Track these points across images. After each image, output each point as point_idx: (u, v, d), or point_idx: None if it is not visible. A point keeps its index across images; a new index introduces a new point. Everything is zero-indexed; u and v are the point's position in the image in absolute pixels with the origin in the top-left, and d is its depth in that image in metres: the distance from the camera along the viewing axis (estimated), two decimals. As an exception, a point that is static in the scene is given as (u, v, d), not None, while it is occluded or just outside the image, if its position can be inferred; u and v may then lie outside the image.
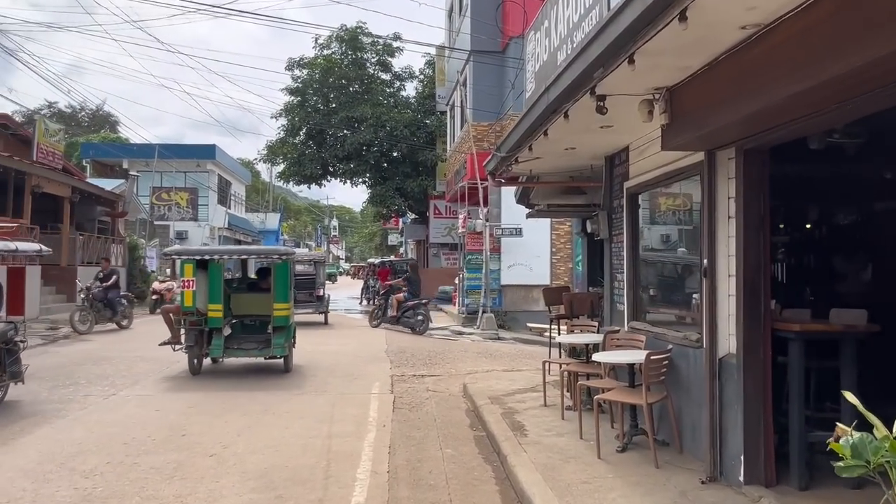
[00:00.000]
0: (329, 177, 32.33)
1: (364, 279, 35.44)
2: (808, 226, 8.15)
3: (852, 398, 2.72)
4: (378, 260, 34.23)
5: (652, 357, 5.67)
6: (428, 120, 30.78)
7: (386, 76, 32.41)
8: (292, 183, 34.28)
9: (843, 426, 2.66)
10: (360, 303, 29.96)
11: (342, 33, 30.91)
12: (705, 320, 5.34)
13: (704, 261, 5.33)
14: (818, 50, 3.37)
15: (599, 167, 8.13)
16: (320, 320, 19.98)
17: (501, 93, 21.00)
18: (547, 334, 12.28)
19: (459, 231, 22.02)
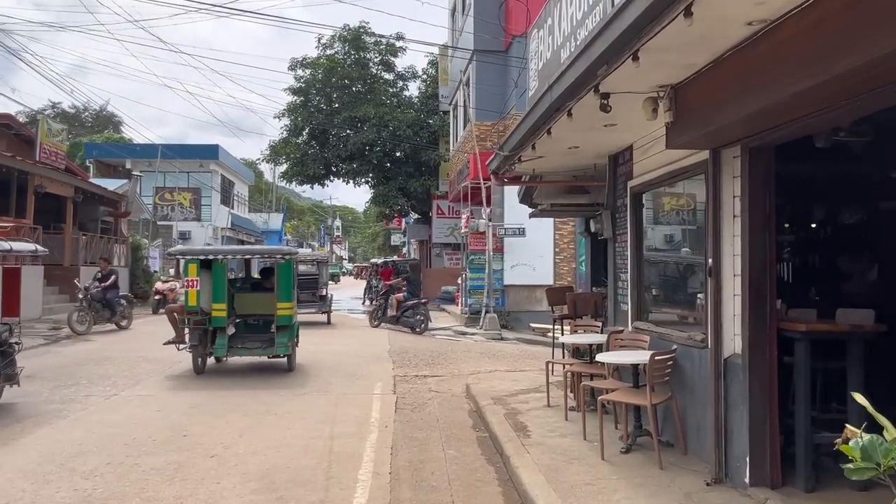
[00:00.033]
0: (332, 177, 32.31)
1: (367, 279, 35.42)
2: (814, 225, 8.08)
3: (862, 399, 2.67)
4: (381, 260, 34.20)
5: (656, 357, 5.62)
6: (431, 120, 30.76)
7: (389, 76, 32.39)
8: (295, 183, 34.30)
9: (853, 428, 2.61)
10: (363, 303, 29.92)
11: (345, 33, 30.90)
12: (710, 320, 5.29)
13: (709, 260, 5.28)
14: (826, 45, 3.32)
15: (603, 166, 8.09)
16: (323, 320, 19.99)
17: (504, 92, 20.97)
18: (550, 334, 12.25)
19: (462, 231, 22.00)
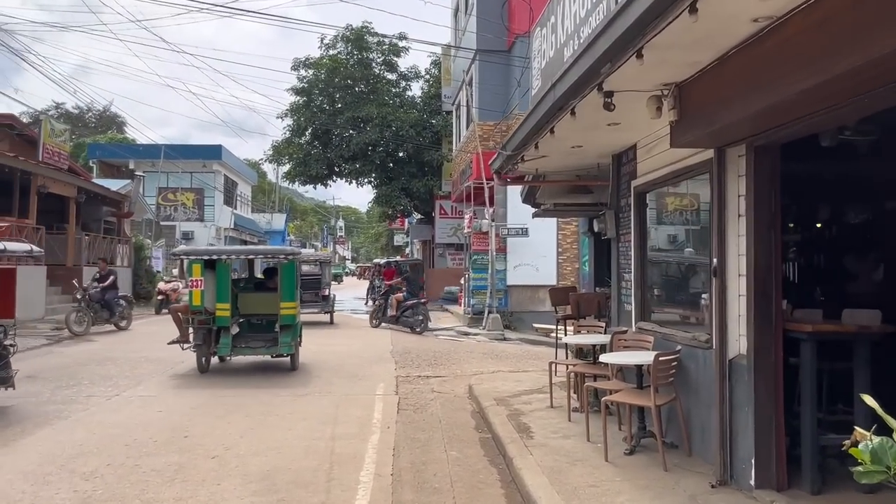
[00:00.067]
0: (335, 177, 32.25)
1: (370, 280, 35.40)
2: (819, 225, 8.03)
3: (871, 401, 2.61)
4: (384, 260, 34.16)
5: (660, 358, 5.57)
6: (434, 120, 30.73)
7: (392, 76, 32.32)
8: (298, 183, 34.24)
9: (862, 430, 2.56)
10: (366, 303, 29.88)
11: (348, 33, 30.85)
12: (715, 321, 5.24)
13: (714, 260, 5.23)
14: (834, 42, 3.27)
15: (606, 165, 8.04)
16: (326, 320, 19.99)
17: (507, 92, 20.92)
18: (553, 335, 12.21)
19: (465, 231, 21.96)
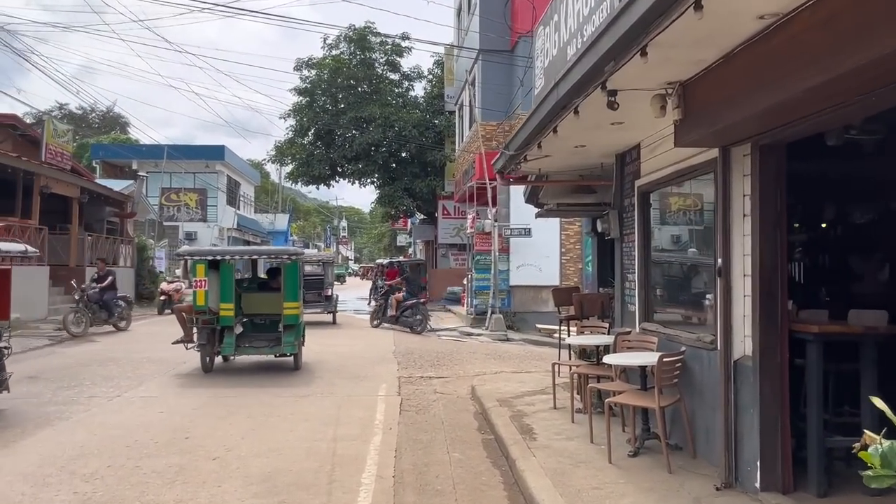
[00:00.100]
0: (337, 177, 32.26)
1: (373, 280, 35.38)
2: (824, 224, 7.97)
3: (881, 404, 2.56)
4: (386, 261, 34.13)
5: (665, 359, 5.52)
6: (436, 120, 30.69)
7: (394, 76, 32.31)
8: (301, 183, 34.24)
9: (872, 434, 2.50)
10: (369, 303, 29.83)
11: (351, 33, 30.84)
12: (720, 321, 5.19)
13: (719, 260, 5.18)
14: (841, 39, 3.22)
15: (610, 165, 7.99)
16: (328, 320, 19.97)
17: (510, 92, 20.87)
18: (556, 335, 12.16)
19: (468, 231, 21.91)
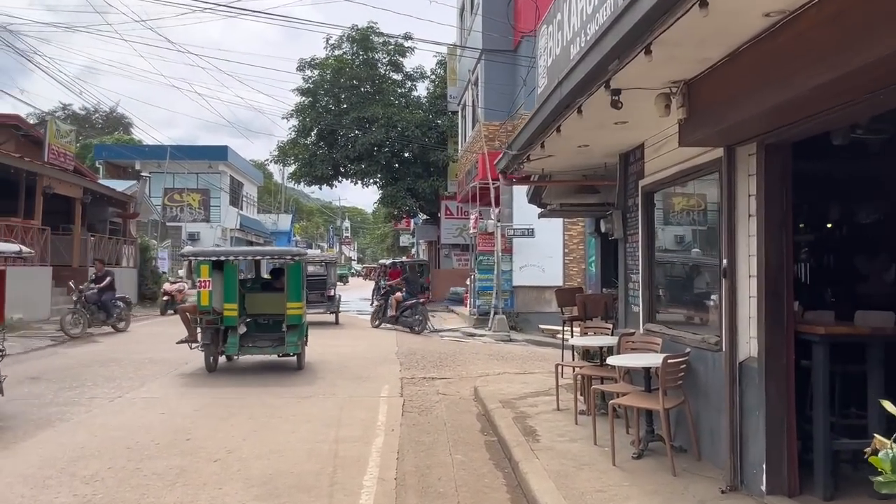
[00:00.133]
0: (340, 177, 32.28)
1: (375, 280, 35.36)
2: (829, 225, 7.92)
3: (891, 407, 2.51)
4: (389, 261, 34.09)
5: (669, 361, 5.47)
6: (439, 120, 30.66)
7: (397, 76, 32.31)
8: (304, 184, 34.27)
9: (882, 438, 2.45)
10: (372, 304, 29.82)
11: (353, 33, 30.84)
12: (725, 322, 5.14)
13: (724, 261, 5.13)
14: (849, 36, 3.18)
15: (613, 165, 7.94)
16: (331, 320, 19.97)
17: (513, 92, 20.83)
18: (560, 336, 12.10)
19: (471, 232, 21.85)
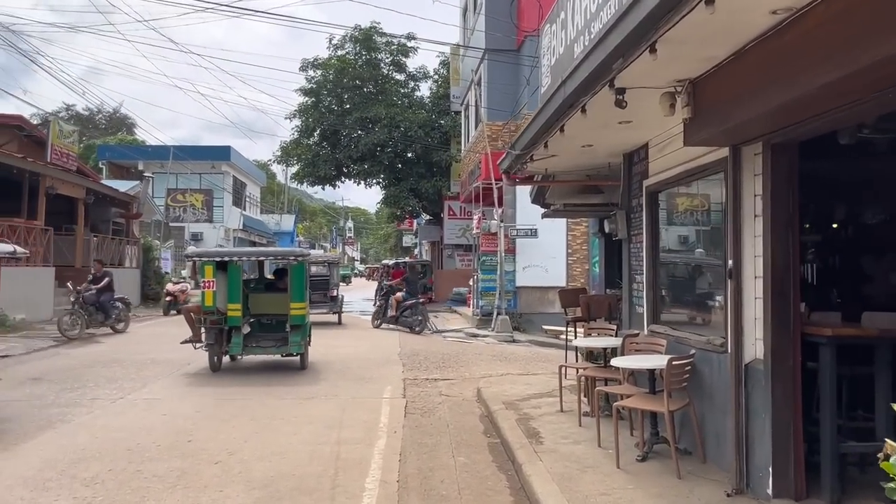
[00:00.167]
0: (343, 178, 32.21)
1: (378, 280, 35.32)
2: (835, 225, 7.85)
3: (903, 412, 2.46)
4: (392, 261, 34.06)
5: (674, 362, 5.42)
6: (442, 120, 30.60)
7: (400, 76, 32.25)
8: (307, 184, 34.24)
9: (893, 443, 2.41)
10: (374, 304, 29.80)
11: (356, 33, 30.80)
12: (730, 324, 5.09)
13: (729, 262, 5.08)
14: (857, 34, 3.12)
15: (617, 165, 7.89)
16: (334, 320, 19.95)
17: (516, 91, 20.78)
18: (563, 337, 12.06)
19: (474, 232, 21.81)
